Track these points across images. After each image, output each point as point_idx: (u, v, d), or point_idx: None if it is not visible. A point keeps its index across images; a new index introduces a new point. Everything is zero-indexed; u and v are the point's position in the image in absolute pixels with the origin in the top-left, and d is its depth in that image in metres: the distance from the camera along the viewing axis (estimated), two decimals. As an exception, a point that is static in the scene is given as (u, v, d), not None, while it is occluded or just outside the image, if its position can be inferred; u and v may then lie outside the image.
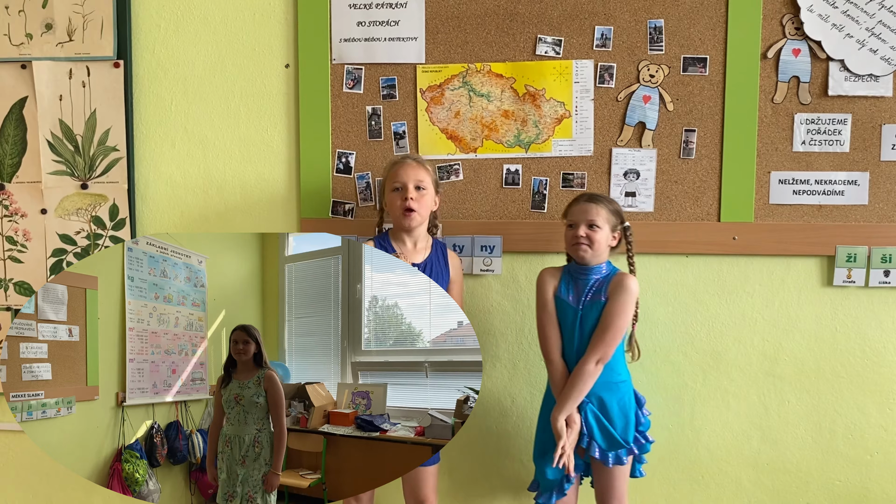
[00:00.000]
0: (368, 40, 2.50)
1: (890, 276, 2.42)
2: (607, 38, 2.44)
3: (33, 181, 2.62)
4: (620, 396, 2.16)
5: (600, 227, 2.14)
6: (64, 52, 2.56)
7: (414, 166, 2.24)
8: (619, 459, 2.14)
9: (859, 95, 2.39)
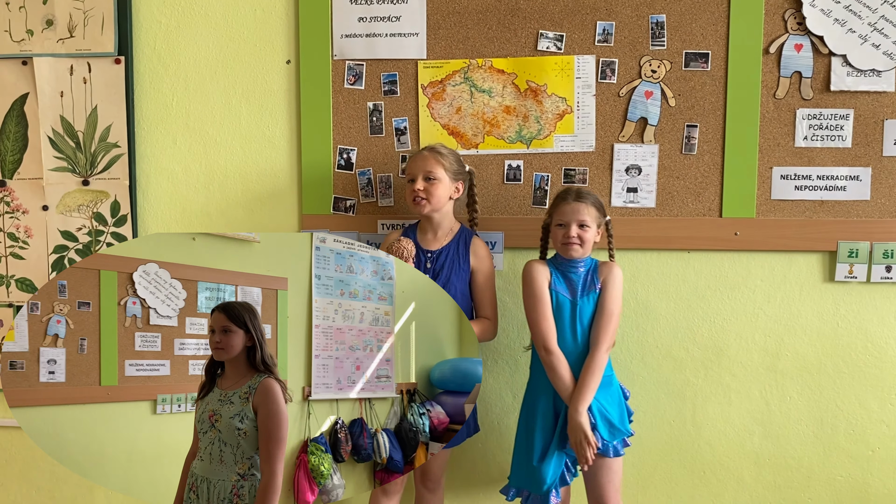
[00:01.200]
0: (369, 36, 2.50)
1: (892, 272, 2.42)
2: (609, 33, 2.44)
3: (35, 178, 2.62)
4: (614, 388, 2.19)
5: (590, 226, 2.16)
6: (65, 49, 2.56)
7: (425, 157, 2.28)
8: (616, 451, 2.16)
9: (861, 91, 2.39)
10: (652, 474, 2.56)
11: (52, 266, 2.64)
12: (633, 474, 2.55)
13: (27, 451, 2.73)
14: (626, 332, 2.51)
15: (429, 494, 2.38)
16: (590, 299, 2.18)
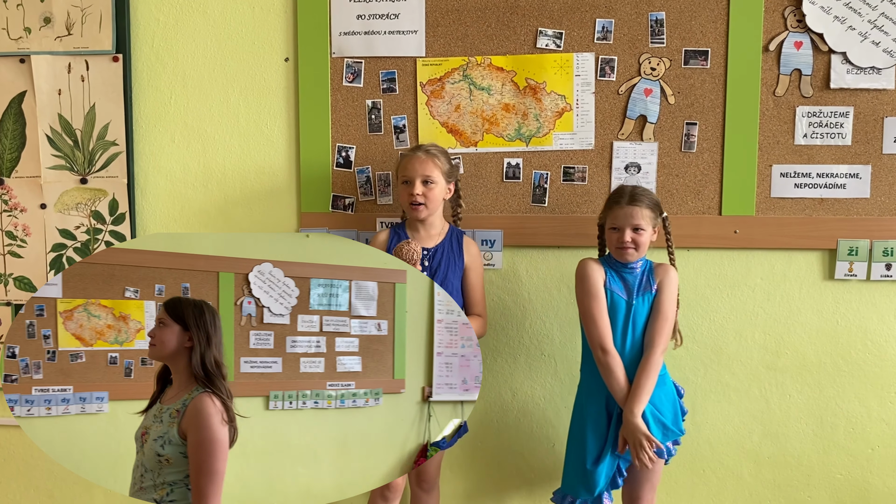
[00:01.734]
0: (368, 34, 2.49)
1: (891, 270, 2.41)
2: (608, 30, 2.43)
3: (32, 176, 2.61)
4: (667, 388, 2.17)
5: (645, 229, 2.13)
6: (63, 46, 2.55)
7: (422, 160, 2.25)
8: (669, 451, 2.15)
9: (861, 88, 2.38)
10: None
11: (50, 265, 2.63)
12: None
13: (26, 450, 2.73)
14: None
15: (425, 495, 2.37)
16: (645, 300, 2.15)
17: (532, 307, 2.53)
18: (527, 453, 2.58)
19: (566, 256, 2.49)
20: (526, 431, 2.58)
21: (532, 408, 2.57)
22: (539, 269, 2.52)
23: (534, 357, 2.55)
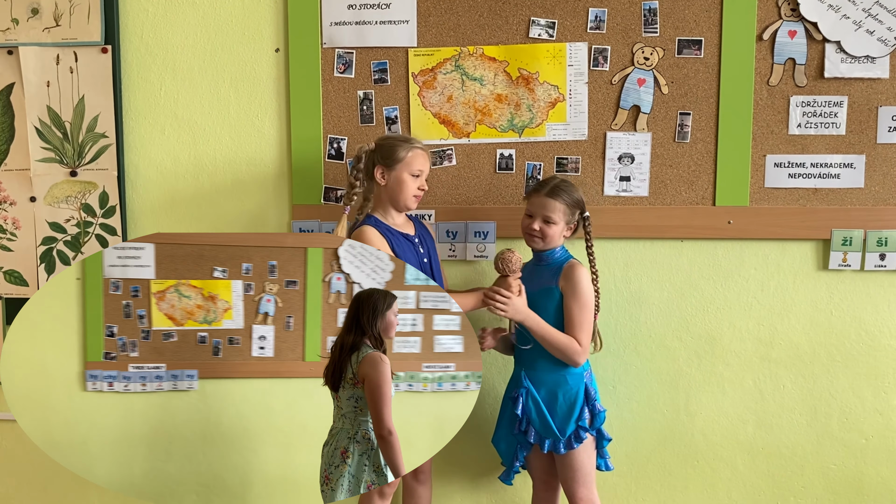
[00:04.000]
0: (359, 24, 2.47)
1: (885, 260, 2.41)
2: (601, 20, 2.41)
3: (22, 169, 2.59)
4: (567, 389, 2.19)
5: (555, 222, 2.17)
6: (51, 38, 2.53)
7: (428, 158, 2.27)
8: (555, 448, 2.18)
9: (856, 77, 2.37)
10: (646, 464, 2.55)
11: (41, 258, 2.61)
12: (627, 464, 2.55)
13: (19, 445, 2.72)
14: (619, 321, 2.50)
15: (420, 487, 2.37)
16: (543, 295, 2.19)
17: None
18: (521, 445, 2.58)
19: (559, 248, 2.48)
20: (520, 423, 2.58)
21: (526, 400, 2.57)
22: (532, 261, 2.51)
23: (527, 349, 2.54)
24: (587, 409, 2.19)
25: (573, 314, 2.15)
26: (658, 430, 2.54)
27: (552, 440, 2.19)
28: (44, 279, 2.62)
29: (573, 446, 2.18)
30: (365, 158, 2.24)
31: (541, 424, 2.19)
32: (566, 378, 2.19)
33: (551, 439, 2.19)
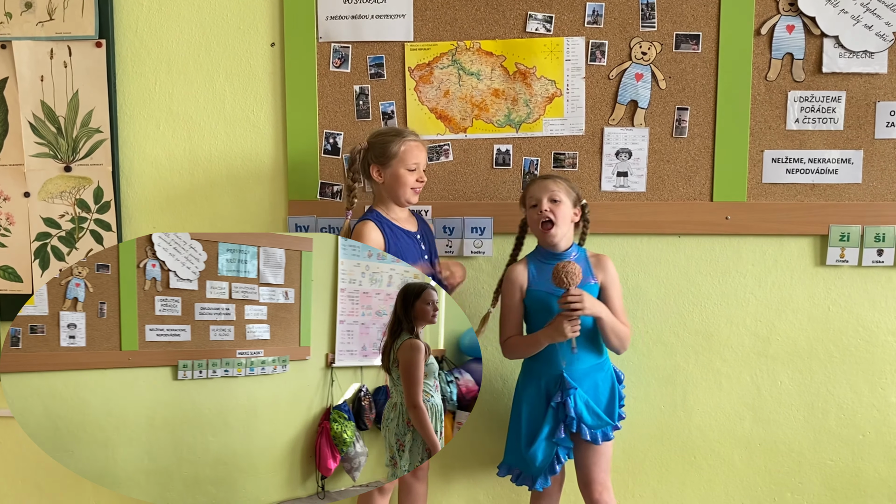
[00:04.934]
0: (355, 18, 2.45)
1: (883, 256, 2.40)
2: (599, 14, 2.40)
3: (16, 164, 2.57)
4: (605, 376, 2.18)
5: (561, 200, 2.13)
6: (45, 32, 2.51)
7: (422, 147, 2.24)
8: (605, 436, 2.14)
9: (854, 72, 2.36)
10: (643, 460, 2.55)
11: (35, 253, 2.60)
12: (624, 460, 2.54)
13: (13, 442, 2.70)
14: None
15: (416, 483, 2.37)
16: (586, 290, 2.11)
17: (522, 295, 2.52)
18: (517, 441, 2.57)
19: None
20: (517, 419, 2.57)
21: (523, 396, 2.56)
22: (529, 257, 2.50)
23: (524, 345, 2.54)
24: (619, 389, 2.22)
25: (618, 303, 2.17)
26: (655, 425, 2.53)
27: (602, 430, 2.15)
28: (38, 275, 2.60)
29: (618, 428, 2.18)
30: (359, 159, 2.24)
31: (593, 418, 2.13)
32: (602, 365, 2.18)
33: (602, 429, 2.15)
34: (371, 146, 2.22)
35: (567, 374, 2.13)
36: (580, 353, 2.13)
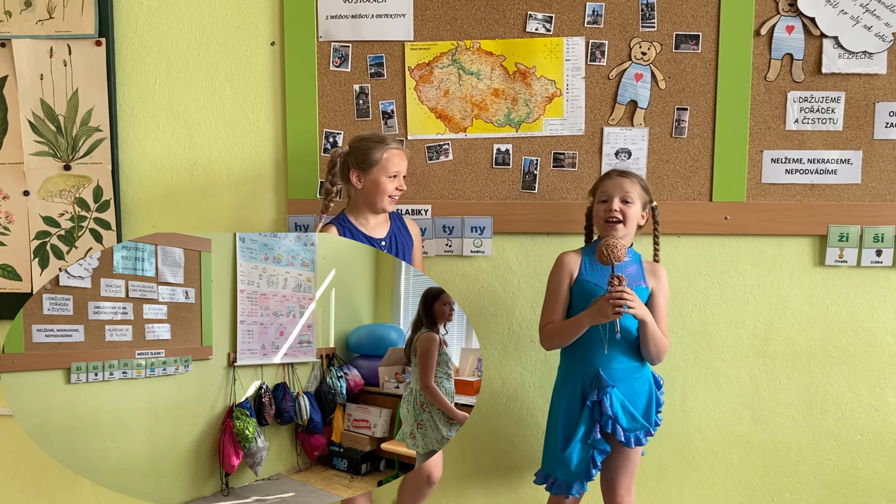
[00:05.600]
0: (355, 17, 2.45)
1: (882, 256, 2.41)
2: (598, 14, 2.40)
3: (15, 162, 2.57)
4: (643, 380, 2.15)
5: (633, 202, 2.10)
6: (44, 30, 2.51)
7: (404, 156, 2.24)
8: (639, 440, 2.12)
9: (853, 73, 2.37)
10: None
11: (34, 252, 2.60)
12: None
13: (10, 440, 2.70)
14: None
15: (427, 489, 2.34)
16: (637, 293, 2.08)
17: (522, 294, 2.52)
18: (516, 440, 2.58)
19: (556, 243, 2.47)
20: (516, 418, 2.57)
21: (522, 395, 2.56)
22: (529, 256, 2.50)
23: (523, 344, 2.54)
24: (657, 394, 2.19)
25: (663, 313, 2.15)
26: (654, 425, 2.54)
27: (636, 434, 2.12)
28: (37, 274, 2.60)
29: (652, 434, 2.16)
30: (339, 163, 2.24)
31: (629, 420, 2.11)
32: (640, 369, 2.15)
33: (636, 433, 2.12)
34: (353, 151, 2.23)
35: (604, 374, 2.11)
36: (618, 356, 2.11)
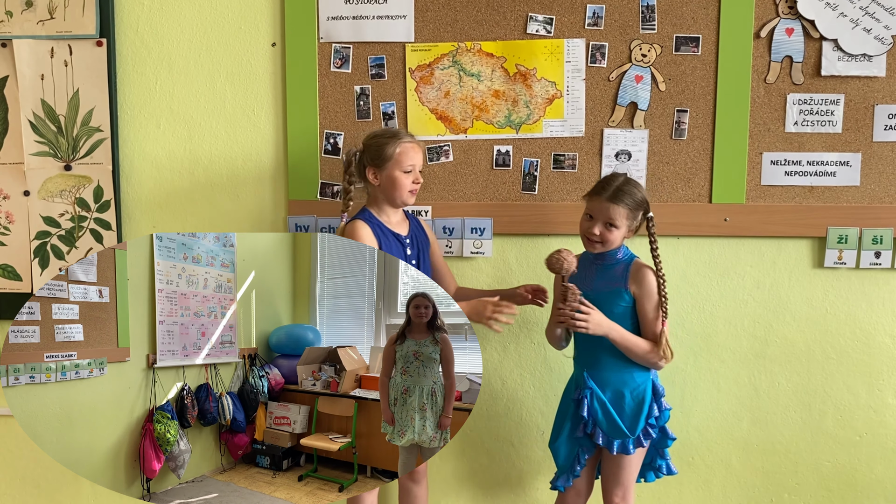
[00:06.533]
0: (356, 18, 2.46)
1: (880, 258, 2.42)
2: (599, 16, 2.41)
3: (15, 162, 2.57)
4: (635, 387, 2.13)
5: (618, 227, 2.09)
6: (45, 31, 2.51)
7: (418, 149, 2.23)
8: (624, 448, 2.11)
9: (852, 75, 2.37)
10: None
11: (34, 252, 2.60)
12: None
13: (11, 439, 2.70)
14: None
15: (415, 487, 2.37)
16: (612, 295, 2.11)
17: (522, 295, 2.52)
18: (516, 441, 2.58)
19: (556, 245, 2.46)
20: (515, 420, 2.57)
21: (522, 396, 2.57)
22: (529, 257, 2.50)
23: (523, 346, 2.54)
24: (655, 405, 2.14)
25: (649, 316, 2.10)
26: (653, 426, 2.54)
27: (621, 440, 2.11)
28: (37, 274, 2.60)
29: (642, 444, 2.12)
30: (355, 161, 2.24)
31: (608, 425, 2.12)
32: (633, 376, 2.13)
33: (620, 440, 2.12)
34: (366, 148, 2.22)
35: (588, 375, 2.14)
36: (608, 360, 2.13)
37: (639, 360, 2.11)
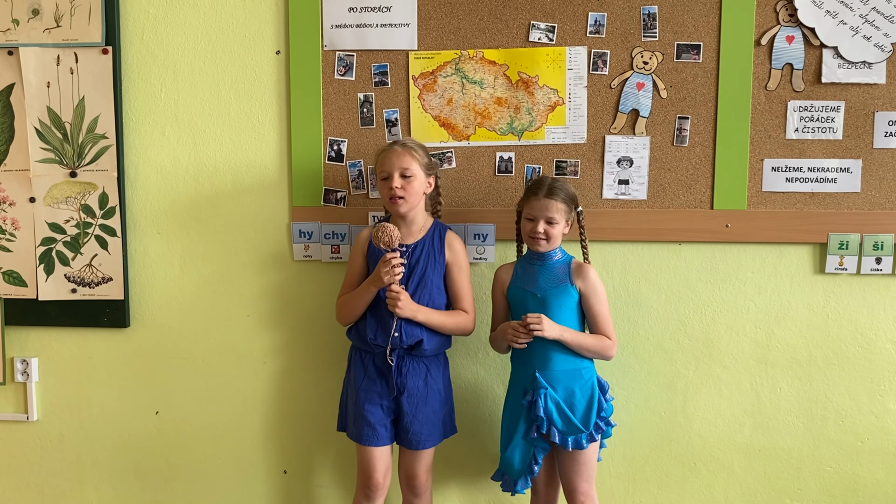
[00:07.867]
0: (360, 26, 2.48)
1: (882, 264, 2.43)
2: (601, 24, 2.42)
3: (21, 169, 2.59)
4: (584, 383, 2.21)
5: (558, 222, 2.20)
6: (51, 39, 2.53)
7: (399, 153, 2.23)
8: (578, 443, 2.17)
9: (852, 83, 2.39)
10: (643, 466, 2.56)
11: (40, 258, 2.61)
12: (624, 466, 2.56)
13: (15, 446, 2.71)
14: (617, 323, 2.50)
15: (416, 500, 2.36)
16: (558, 293, 2.21)
17: (524, 301, 2.53)
18: (519, 447, 2.59)
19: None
20: (517, 425, 2.58)
21: (524, 401, 2.57)
22: (531, 263, 2.51)
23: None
24: (602, 398, 2.22)
25: (599, 311, 2.23)
26: (655, 432, 2.55)
27: (575, 436, 2.17)
28: (43, 280, 2.62)
29: (594, 439, 2.19)
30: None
31: (564, 423, 2.17)
32: (581, 372, 2.21)
33: (575, 436, 2.17)
34: None
35: (540, 376, 2.19)
36: (558, 357, 2.20)
37: (592, 355, 2.22)
